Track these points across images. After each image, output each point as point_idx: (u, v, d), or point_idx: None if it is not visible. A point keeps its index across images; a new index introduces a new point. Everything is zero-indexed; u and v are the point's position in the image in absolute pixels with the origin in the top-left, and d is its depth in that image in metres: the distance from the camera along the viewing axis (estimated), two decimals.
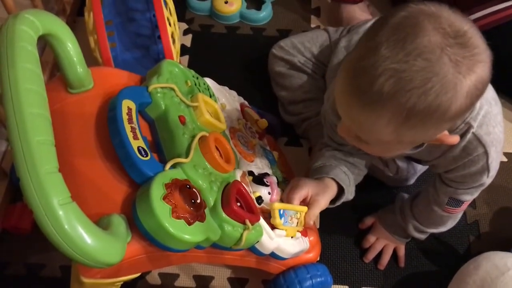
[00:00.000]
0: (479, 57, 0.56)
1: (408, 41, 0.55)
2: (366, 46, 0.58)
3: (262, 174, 0.83)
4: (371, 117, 0.60)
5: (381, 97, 0.56)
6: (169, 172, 0.65)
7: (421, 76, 0.54)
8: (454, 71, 0.55)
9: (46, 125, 0.55)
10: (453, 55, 0.55)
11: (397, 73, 0.55)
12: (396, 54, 0.55)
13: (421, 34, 0.55)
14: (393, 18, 0.57)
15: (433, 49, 0.54)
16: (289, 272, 0.84)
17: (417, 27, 0.55)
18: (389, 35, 0.56)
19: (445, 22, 0.56)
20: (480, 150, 0.72)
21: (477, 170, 0.75)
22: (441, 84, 0.55)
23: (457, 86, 0.55)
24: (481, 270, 0.82)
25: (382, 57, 0.55)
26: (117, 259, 0.56)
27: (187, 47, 1.25)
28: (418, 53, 0.54)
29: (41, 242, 0.91)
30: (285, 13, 1.31)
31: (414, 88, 0.55)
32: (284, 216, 0.77)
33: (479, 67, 0.56)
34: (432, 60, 0.54)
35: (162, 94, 0.73)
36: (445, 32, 0.55)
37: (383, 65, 0.55)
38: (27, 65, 0.57)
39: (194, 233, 0.61)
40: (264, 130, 0.97)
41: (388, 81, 0.55)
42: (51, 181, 0.51)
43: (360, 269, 0.97)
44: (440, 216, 0.87)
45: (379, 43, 0.56)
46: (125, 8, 1.10)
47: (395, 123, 0.59)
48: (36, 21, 0.61)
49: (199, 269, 0.95)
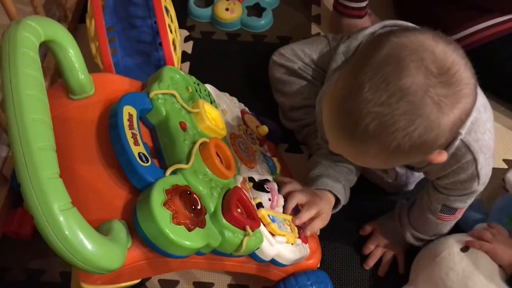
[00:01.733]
0: (463, 92, 0.56)
1: (391, 83, 0.54)
2: (348, 85, 0.58)
3: (262, 180, 0.83)
4: (358, 150, 0.61)
5: (366, 137, 0.57)
6: (169, 178, 0.65)
7: (404, 119, 0.55)
8: (437, 111, 0.55)
9: (48, 131, 0.55)
10: (436, 96, 0.54)
11: (380, 116, 0.55)
12: (379, 96, 0.55)
13: (404, 75, 0.54)
14: (375, 56, 0.56)
15: (416, 91, 0.54)
16: (290, 279, 0.84)
17: (399, 67, 0.55)
18: (372, 75, 0.56)
19: (428, 58, 0.55)
20: (468, 157, 0.72)
21: (467, 177, 0.75)
22: (425, 125, 0.55)
23: (441, 124, 0.56)
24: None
25: (365, 100, 0.55)
26: (117, 265, 0.56)
27: (188, 53, 1.25)
28: (400, 95, 0.54)
29: (41, 248, 0.92)
30: (285, 20, 1.32)
31: (398, 130, 0.55)
32: (277, 222, 0.77)
33: (463, 102, 0.56)
34: (415, 103, 0.54)
35: (163, 100, 0.73)
36: (428, 71, 0.55)
37: (366, 108, 0.55)
38: (29, 71, 0.57)
39: (195, 239, 0.61)
40: (264, 137, 0.97)
41: (371, 123, 0.56)
42: (52, 186, 0.52)
43: (360, 276, 0.97)
44: (435, 224, 0.88)
45: (361, 84, 0.56)
46: (127, 15, 1.10)
47: (382, 157, 0.60)
48: (38, 28, 0.62)
49: (199, 276, 0.95)
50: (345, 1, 1.18)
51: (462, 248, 0.86)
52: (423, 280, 0.88)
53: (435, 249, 0.89)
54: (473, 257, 0.84)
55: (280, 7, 1.34)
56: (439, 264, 0.86)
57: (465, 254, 0.85)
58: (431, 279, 0.87)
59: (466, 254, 0.85)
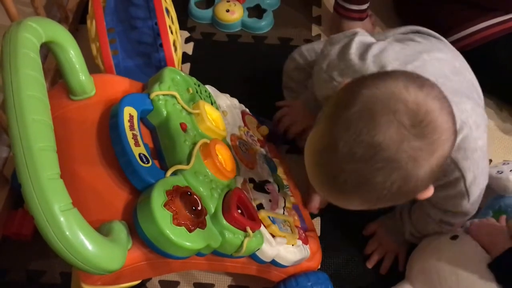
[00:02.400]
0: (439, 140, 0.55)
1: (364, 140, 0.54)
2: (324, 138, 0.58)
3: (263, 181, 0.83)
4: (340, 199, 0.61)
5: (346, 190, 0.57)
6: (170, 179, 0.65)
7: (381, 174, 0.54)
8: (413, 164, 0.54)
9: (48, 132, 0.55)
10: (410, 150, 0.53)
11: (357, 172, 0.55)
12: (354, 153, 0.54)
13: (376, 131, 0.53)
14: (347, 111, 0.55)
15: (389, 146, 0.53)
16: (290, 280, 0.84)
17: (371, 122, 0.54)
18: (344, 131, 0.55)
19: (401, 110, 0.53)
20: (457, 173, 0.72)
21: (456, 193, 0.75)
22: (402, 177, 0.55)
23: (419, 175, 0.55)
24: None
25: (340, 156, 0.55)
26: (117, 266, 0.56)
27: (189, 55, 1.25)
28: (374, 152, 0.53)
29: (42, 249, 0.92)
30: (286, 21, 1.32)
31: (376, 184, 0.55)
32: (277, 223, 0.77)
33: (440, 150, 0.55)
34: (390, 158, 0.53)
35: (163, 101, 0.73)
36: (400, 125, 0.53)
37: (341, 164, 0.55)
38: (30, 72, 0.57)
39: (195, 240, 0.62)
40: (265, 138, 0.98)
41: (349, 179, 0.56)
42: (53, 187, 0.52)
43: (360, 277, 0.96)
44: (435, 227, 0.88)
45: (336, 139, 0.55)
46: (127, 16, 1.10)
47: (365, 206, 0.60)
48: (39, 29, 0.62)
49: (199, 277, 0.95)
50: (346, 4, 1.18)
51: (452, 236, 0.87)
52: (417, 272, 0.89)
53: (427, 240, 0.90)
54: (462, 244, 0.85)
55: (281, 8, 1.34)
56: (430, 254, 0.87)
57: (454, 241, 0.86)
58: (424, 270, 0.87)
59: (455, 242, 0.86)
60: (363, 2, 1.17)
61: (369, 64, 0.76)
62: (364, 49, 0.78)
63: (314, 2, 1.37)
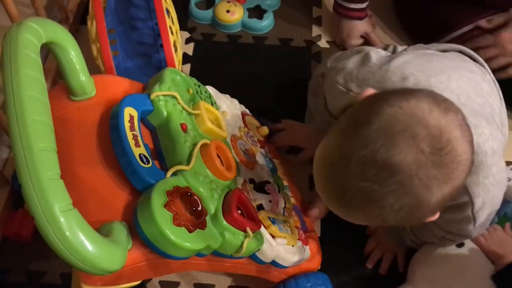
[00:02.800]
0: (456, 171, 0.54)
1: (379, 161, 0.52)
2: (338, 151, 0.56)
3: (263, 182, 0.83)
4: (346, 214, 0.60)
5: (352, 206, 0.56)
6: (170, 179, 0.65)
7: (392, 196, 0.53)
8: (426, 192, 0.53)
9: (48, 132, 0.55)
10: (425, 177, 0.52)
11: (367, 191, 0.53)
12: (366, 172, 0.53)
13: (393, 153, 0.52)
14: (365, 127, 0.54)
15: (404, 171, 0.52)
16: (290, 281, 0.84)
17: (389, 143, 0.52)
18: (360, 148, 0.53)
19: (421, 134, 0.52)
20: (465, 198, 0.70)
21: (462, 217, 0.74)
22: (412, 204, 0.53)
23: (430, 203, 0.54)
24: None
25: (351, 173, 0.54)
26: (118, 266, 0.56)
27: (189, 55, 1.25)
28: (389, 173, 0.52)
29: (42, 249, 0.92)
30: (286, 22, 1.32)
31: (384, 206, 0.54)
32: (277, 224, 0.77)
33: (454, 181, 0.54)
34: (403, 182, 0.52)
35: (164, 101, 0.74)
36: (419, 150, 0.52)
37: (351, 181, 0.54)
38: (30, 72, 0.57)
39: (195, 240, 0.62)
40: (265, 138, 0.98)
41: (356, 196, 0.54)
42: (53, 187, 0.52)
43: (360, 278, 0.96)
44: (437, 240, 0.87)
45: (349, 155, 0.54)
46: (128, 17, 1.10)
47: (370, 223, 0.60)
48: (40, 29, 0.62)
49: (199, 277, 0.95)
50: (345, 3, 1.18)
51: (458, 244, 0.87)
52: (419, 277, 0.89)
53: (430, 246, 0.90)
54: (467, 252, 0.85)
55: (281, 9, 1.34)
56: (435, 260, 0.87)
57: (459, 249, 0.86)
58: (427, 275, 0.87)
59: (461, 249, 0.86)
60: (361, 0, 1.17)
61: (392, 74, 0.73)
62: (387, 60, 0.77)
63: (314, 2, 1.37)
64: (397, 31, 1.30)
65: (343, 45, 1.26)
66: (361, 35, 1.23)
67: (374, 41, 1.23)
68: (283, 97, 1.18)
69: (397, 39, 1.28)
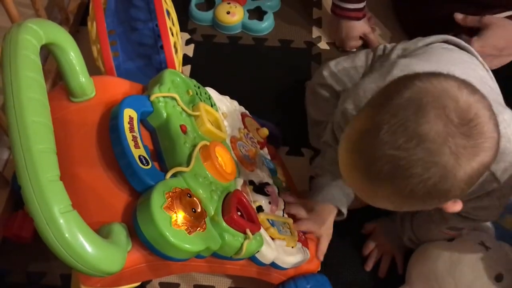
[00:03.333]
0: (483, 145, 0.54)
1: (409, 128, 0.53)
2: (366, 124, 0.57)
3: (262, 183, 0.83)
4: (370, 189, 0.59)
5: (379, 178, 0.56)
6: (170, 181, 0.65)
7: (420, 165, 0.53)
8: (454, 162, 0.53)
9: (48, 134, 0.55)
10: (454, 146, 0.52)
11: (395, 159, 0.54)
12: (396, 140, 0.53)
13: (423, 121, 0.53)
14: (396, 98, 0.55)
15: (434, 139, 0.52)
16: (289, 283, 0.84)
17: (419, 112, 0.53)
18: (390, 117, 0.54)
19: (451, 106, 0.53)
20: (495, 185, 0.71)
21: (489, 203, 0.74)
22: (440, 174, 0.53)
23: (457, 175, 0.54)
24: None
25: (381, 141, 0.54)
26: (117, 268, 0.56)
27: (189, 57, 1.25)
28: (418, 141, 0.53)
29: (42, 251, 0.92)
30: (286, 23, 1.32)
31: (413, 176, 0.54)
32: (276, 226, 0.77)
33: (482, 155, 0.54)
34: (432, 150, 0.52)
35: (163, 103, 0.74)
36: (449, 120, 0.53)
37: (381, 149, 0.54)
38: (30, 74, 0.57)
39: (195, 242, 0.61)
40: (265, 140, 0.98)
41: (385, 165, 0.54)
42: (52, 189, 0.52)
43: (360, 279, 0.96)
44: (437, 234, 0.88)
45: (379, 125, 0.54)
46: (128, 18, 1.10)
47: (394, 200, 0.58)
48: (39, 30, 0.62)
49: (199, 279, 0.95)
50: (341, 3, 1.18)
51: (449, 239, 0.87)
52: (415, 276, 0.90)
53: (424, 245, 0.91)
54: (458, 245, 0.86)
55: (281, 10, 1.34)
56: (428, 257, 0.88)
57: (450, 243, 0.86)
58: (422, 273, 0.88)
59: (452, 243, 0.86)
60: (358, 0, 1.17)
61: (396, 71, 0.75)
62: (387, 71, 0.78)
63: (314, 4, 1.37)
64: (396, 31, 1.30)
65: (342, 47, 1.26)
66: (360, 36, 1.23)
67: (373, 42, 1.23)
68: (283, 98, 1.18)
69: (396, 39, 1.28)
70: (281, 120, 1.12)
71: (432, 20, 1.16)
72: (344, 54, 1.25)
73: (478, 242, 0.86)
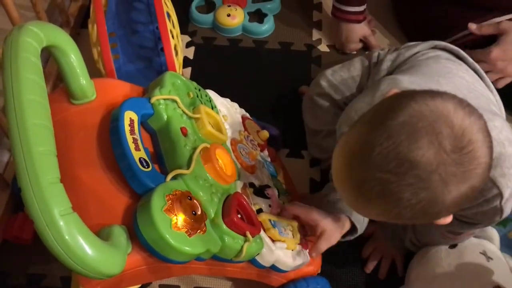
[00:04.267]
0: (474, 172, 0.54)
1: (401, 153, 0.53)
2: (360, 142, 0.57)
3: (263, 186, 0.83)
4: (361, 205, 0.60)
5: (370, 197, 0.56)
6: (170, 183, 0.65)
7: (409, 190, 0.54)
8: (443, 188, 0.54)
9: (48, 136, 0.55)
10: (444, 174, 0.53)
11: (385, 183, 0.54)
12: (387, 163, 0.53)
13: (415, 147, 0.53)
14: (391, 119, 0.55)
15: (425, 166, 0.53)
16: (289, 285, 0.83)
17: (413, 138, 0.53)
18: (384, 139, 0.54)
19: (445, 132, 0.53)
20: (495, 191, 0.71)
21: (489, 209, 0.74)
22: (428, 199, 0.54)
23: (445, 200, 0.54)
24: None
25: (373, 163, 0.54)
26: (117, 270, 0.56)
27: (190, 59, 1.26)
28: (408, 167, 0.53)
29: (42, 253, 0.91)
30: (287, 26, 1.32)
31: (401, 199, 0.54)
32: (278, 227, 0.76)
33: (471, 181, 0.55)
34: (422, 177, 0.53)
35: (164, 105, 0.74)
36: (441, 148, 0.53)
37: (373, 171, 0.55)
38: (31, 76, 0.57)
39: (195, 244, 0.61)
40: (265, 142, 0.98)
41: (376, 187, 0.55)
42: (53, 191, 0.52)
43: (360, 281, 0.96)
44: (438, 238, 0.88)
45: (372, 145, 0.54)
46: (129, 20, 1.11)
47: (384, 218, 0.59)
48: (40, 33, 0.62)
49: (199, 281, 0.95)
50: (342, 6, 1.18)
51: (451, 245, 0.87)
52: (414, 279, 0.90)
53: (425, 248, 0.90)
54: (459, 252, 0.85)
55: (282, 13, 1.35)
56: (428, 261, 0.88)
57: (452, 250, 0.86)
58: (421, 277, 0.88)
59: (453, 250, 0.86)
60: (359, 3, 1.17)
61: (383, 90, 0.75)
62: (373, 90, 0.78)
63: (314, 7, 1.37)
64: (396, 34, 1.31)
65: (342, 49, 1.26)
66: (360, 39, 1.23)
67: (373, 45, 1.23)
68: (283, 101, 1.18)
69: (396, 42, 1.28)
70: (281, 122, 1.12)
71: (432, 22, 1.16)
72: (344, 56, 1.26)
73: (480, 251, 0.86)
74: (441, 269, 0.85)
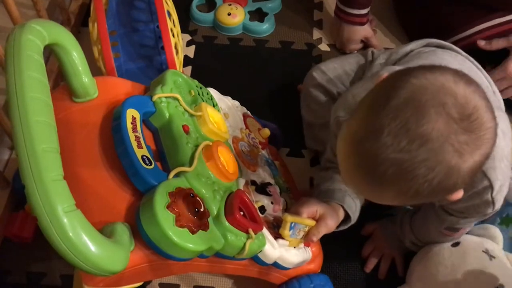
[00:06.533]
0: (484, 137, 0.54)
1: (411, 129, 0.53)
2: (367, 126, 0.56)
3: (264, 183, 0.83)
4: (374, 191, 0.59)
5: (383, 181, 0.56)
6: (172, 181, 0.65)
7: (424, 165, 0.53)
8: (457, 158, 0.53)
9: (52, 133, 0.56)
10: (457, 143, 0.53)
11: (399, 162, 0.54)
12: (398, 142, 0.53)
13: (424, 121, 0.52)
14: (393, 99, 0.54)
15: (436, 138, 0.52)
16: (293, 282, 0.83)
17: (419, 112, 0.53)
18: (391, 119, 0.54)
19: (450, 102, 0.53)
20: (485, 183, 0.71)
21: (481, 202, 0.74)
22: (444, 172, 0.54)
23: (461, 170, 0.54)
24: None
25: (384, 145, 0.54)
26: (120, 267, 0.56)
27: (190, 58, 1.26)
28: (420, 142, 0.52)
29: (42, 251, 0.92)
30: (287, 25, 1.32)
31: (417, 177, 0.54)
32: (294, 229, 0.76)
33: (483, 147, 0.55)
34: (435, 150, 0.53)
35: (166, 103, 0.74)
36: (449, 117, 0.52)
37: (384, 153, 0.54)
38: (33, 74, 0.57)
39: (197, 242, 0.62)
40: (266, 140, 0.98)
41: (390, 169, 0.54)
42: (56, 188, 0.52)
43: (361, 279, 0.96)
44: (437, 236, 0.88)
45: (380, 127, 0.54)
46: (129, 19, 1.11)
47: (399, 200, 0.59)
48: (43, 31, 0.62)
49: (199, 279, 0.95)
50: (346, 8, 1.18)
51: (453, 244, 0.87)
52: (416, 278, 0.90)
53: (428, 246, 0.90)
54: (462, 251, 0.85)
55: (282, 12, 1.35)
56: (430, 260, 0.88)
57: (454, 248, 0.86)
58: (424, 276, 0.88)
59: (456, 249, 0.86)
60: (363, 6, 1.17)
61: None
62: (374, 75, 0.79)
63: (315, 6, 1.37)
64: (398, 34, 1.31)
65: (342, 49, 1.27)
66: (361, 39, 1.24)
67: (375, 46, 1.24)
68: (283, 99, 1.18)
69: (397, 42, 1.29)
70: (281, 121, 1.12)
71: (434, 23, 1.16)
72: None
73: (482, 250, 0.86)
74: (444, 268, 0.85)
